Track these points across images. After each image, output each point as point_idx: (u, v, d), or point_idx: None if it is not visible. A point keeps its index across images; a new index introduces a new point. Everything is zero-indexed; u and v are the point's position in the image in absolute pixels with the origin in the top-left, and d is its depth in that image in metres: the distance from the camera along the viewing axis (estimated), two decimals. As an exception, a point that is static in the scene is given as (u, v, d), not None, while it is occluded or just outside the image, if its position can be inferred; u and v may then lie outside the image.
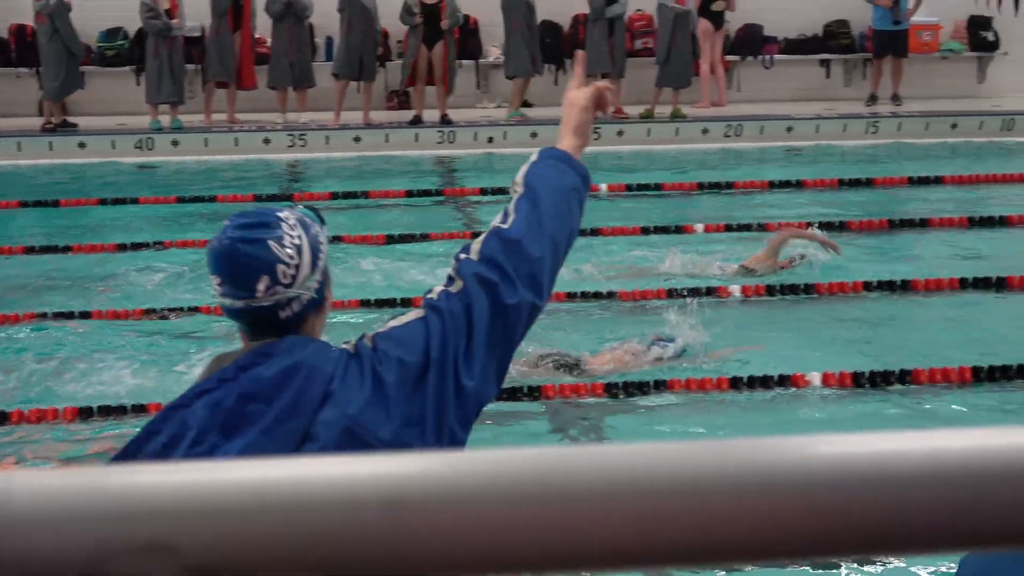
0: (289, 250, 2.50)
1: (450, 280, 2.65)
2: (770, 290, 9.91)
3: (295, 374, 2.43)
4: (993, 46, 19.49)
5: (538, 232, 2.70)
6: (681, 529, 0.80)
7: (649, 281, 10.19)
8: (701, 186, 14.34)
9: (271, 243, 2.49)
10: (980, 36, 19.46)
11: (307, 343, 2.50)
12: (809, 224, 11.46)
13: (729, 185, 14.32)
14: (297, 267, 2.51)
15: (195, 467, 0.82)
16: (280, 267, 2.49)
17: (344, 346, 2.57)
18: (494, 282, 2.61)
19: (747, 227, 12.09)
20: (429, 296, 2.65)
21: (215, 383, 2.43)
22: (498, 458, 0.81)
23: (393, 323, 2.62)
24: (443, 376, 2.52)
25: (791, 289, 9.95)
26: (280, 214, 2.55)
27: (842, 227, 12.13)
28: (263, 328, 2.52)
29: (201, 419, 2.38)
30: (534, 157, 2.88)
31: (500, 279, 2.62)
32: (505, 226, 2.70)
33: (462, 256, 2.68)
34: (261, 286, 2.48)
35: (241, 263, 2.48)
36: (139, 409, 7.32)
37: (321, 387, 2.43)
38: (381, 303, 9.39)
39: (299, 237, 2.53)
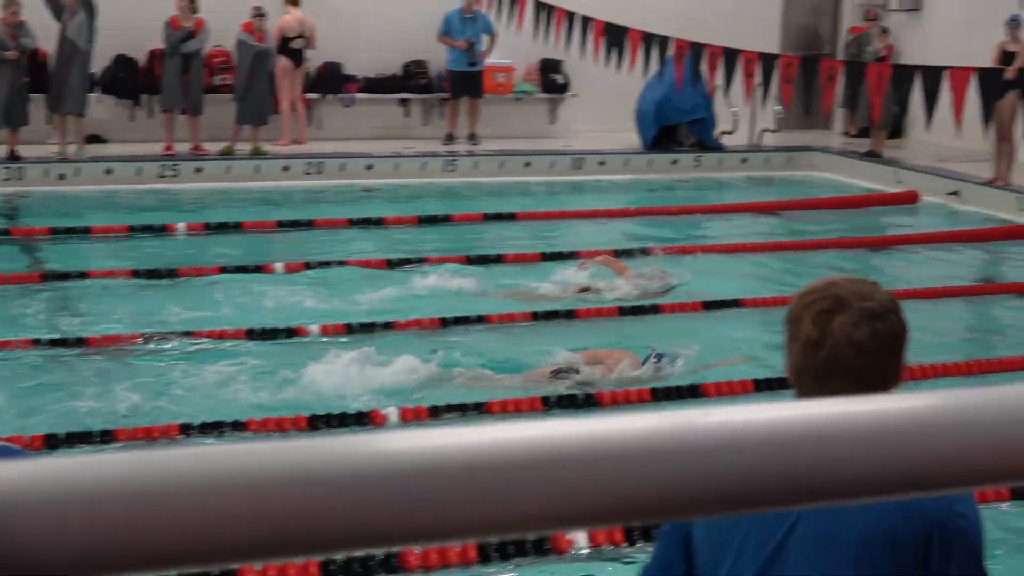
0: None
1: None
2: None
3: None
4: (563, 88, 20.30)
5: None
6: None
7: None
8: (281, 224, 14.21)
9: None
10: (551, 78, 20.24)
11: None
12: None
13: (310, 223, 14.26)
14: None
15: None
16: None
17: None
18: None
19: (326, 264, 12.08)
20: None
21: None
22: None
23: None
24: None
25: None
26: None
27: (421, 262, 12.27)
28: None
29: None
30: None
31: None
32: None
33: None
34: None
35: None
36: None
37: None
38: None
39: None
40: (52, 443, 7.30)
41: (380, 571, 6.02)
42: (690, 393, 8.38)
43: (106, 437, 7.40)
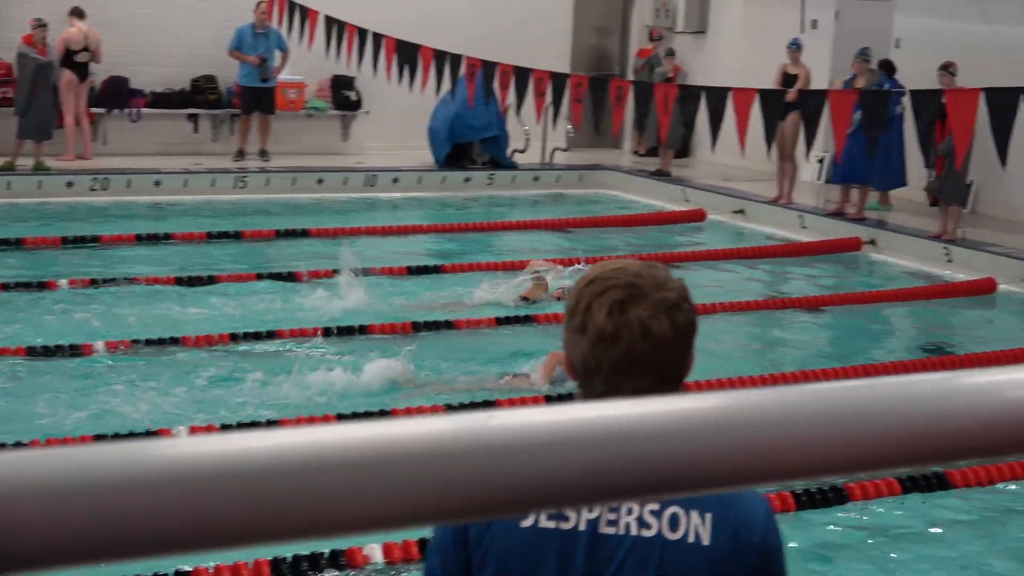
0: None
1: None
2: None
3: None
4: (356, 105, 20.22)
5: None
6: None
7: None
8: (65, 240, 13.82)
9: None
10: (343, 95, 20.14)
11: None
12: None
13: (95, 239, 13.90)
14: None
15: None
16: None
17: None
18: None
19: (112, 280, 11.81)
20: None
21: None
22: None
23: None
24: None
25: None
26: None
27: (211, 280, 12.09)
28: None
29: None
30: None
31: None
32: None
33: None
34: None
35: None
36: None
37: None
38: None
39: None
40: None
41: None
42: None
43: None
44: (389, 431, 0.77)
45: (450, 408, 8.33)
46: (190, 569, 5.96)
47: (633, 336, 2.29)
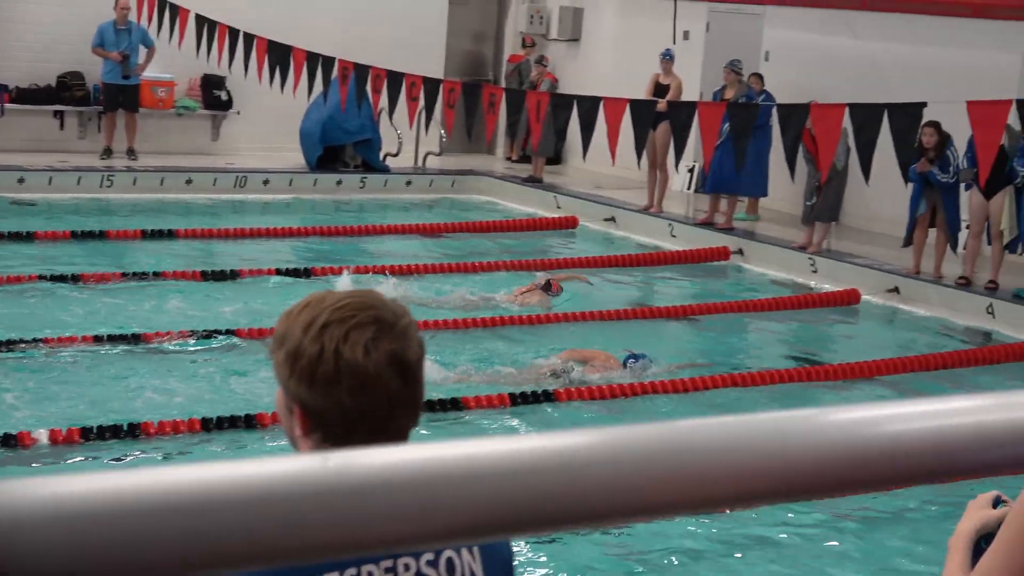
0: None
1: None
2: None
3: None
4: (227, 105, 19.96)
5: None
6: None
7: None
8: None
9: None
10: (214, 95, 19.86)
11: None
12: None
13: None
14: None
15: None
16: None
17: None
18: None
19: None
20: None
21: None
22: None
23: None
24: None
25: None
26: None
27: (75, 279, 11.87)
28: None
29: None
30: None
31: None
32: None
33: None
34: None
35: None
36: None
37: None
38: None
39: None
40: None
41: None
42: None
43: None
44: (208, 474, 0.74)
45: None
46: None
47: (391, 374, 2.06)
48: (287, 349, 2.07)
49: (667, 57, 17.40)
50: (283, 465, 0.73)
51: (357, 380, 2.03)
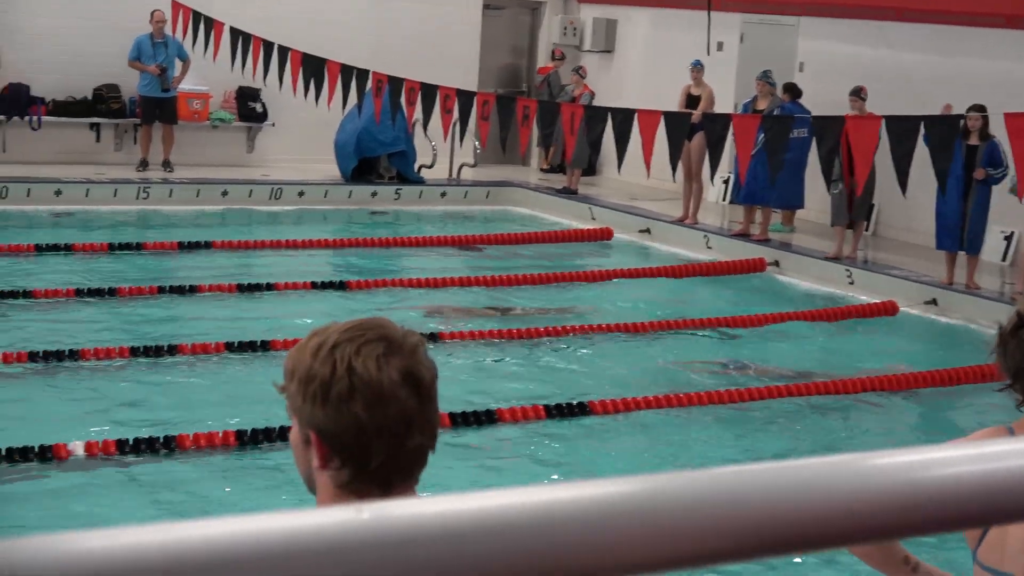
0: None
1: None
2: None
3: None
4: (262, 117, 20.03)
5: None
6: None
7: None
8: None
9: None
10: (249, 107, 19.94)
11: None
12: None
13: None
14: None
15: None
16: None
17: None
18: None
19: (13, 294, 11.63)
20: None
21: None
22: None
23: None
24: None
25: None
26: None
27: (112, 293, 11.92)
28: None
29: None
30: None
31: None
32: None
33: None
34: None
35: None
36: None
37: None
38: None
39: None
40: None
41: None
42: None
43: None
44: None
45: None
46: None
47: (407, 393, 2.07)
48: (298, 377, 2.09)
49: (697, 66, 17.36)
50: (316, 518, 0.72)
51: (372, 393, 2.04)
